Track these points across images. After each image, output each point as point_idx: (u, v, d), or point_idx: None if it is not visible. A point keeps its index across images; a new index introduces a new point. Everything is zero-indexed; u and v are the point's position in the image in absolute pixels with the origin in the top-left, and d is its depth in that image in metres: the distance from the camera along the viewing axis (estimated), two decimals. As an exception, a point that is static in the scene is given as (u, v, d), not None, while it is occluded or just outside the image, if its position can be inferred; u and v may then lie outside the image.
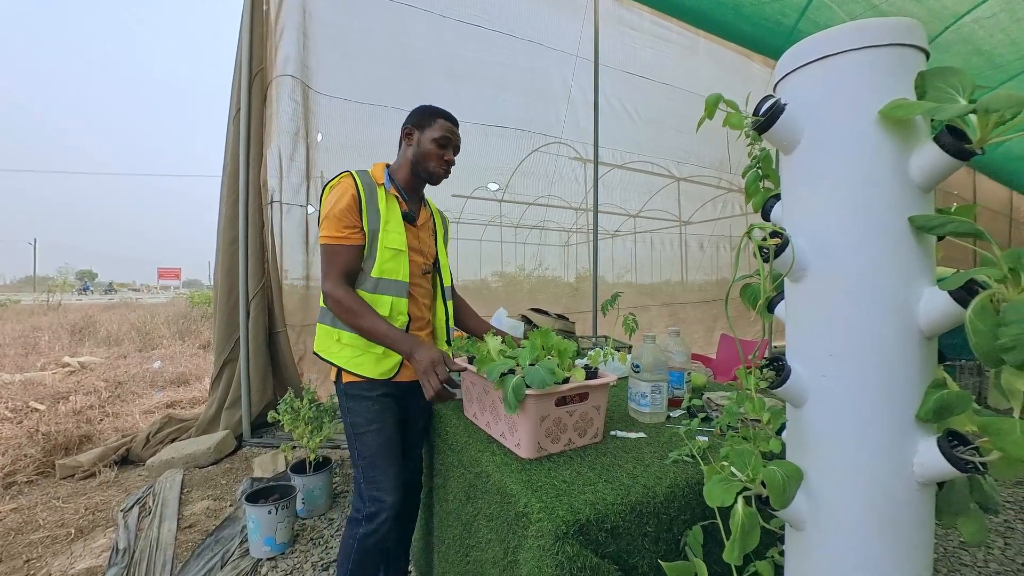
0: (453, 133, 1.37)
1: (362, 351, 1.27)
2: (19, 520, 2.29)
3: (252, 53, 2.85)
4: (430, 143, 1.32)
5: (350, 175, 1.28)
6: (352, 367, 1.27)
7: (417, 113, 1.37)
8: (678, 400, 1.42)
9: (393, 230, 1.29)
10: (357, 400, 1.28)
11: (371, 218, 1.25)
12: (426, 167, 1.34)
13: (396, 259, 1.28)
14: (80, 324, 7.78)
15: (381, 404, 1.30)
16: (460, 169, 3.82)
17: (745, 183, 0.80)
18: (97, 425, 3.40)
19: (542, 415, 1.00)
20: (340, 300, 1.20)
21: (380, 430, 1.29)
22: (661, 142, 4.63)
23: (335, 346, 1.28)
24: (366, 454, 1.28)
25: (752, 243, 0.68)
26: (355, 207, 1.24)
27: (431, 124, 1.33)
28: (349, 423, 1.30)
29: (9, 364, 5.36)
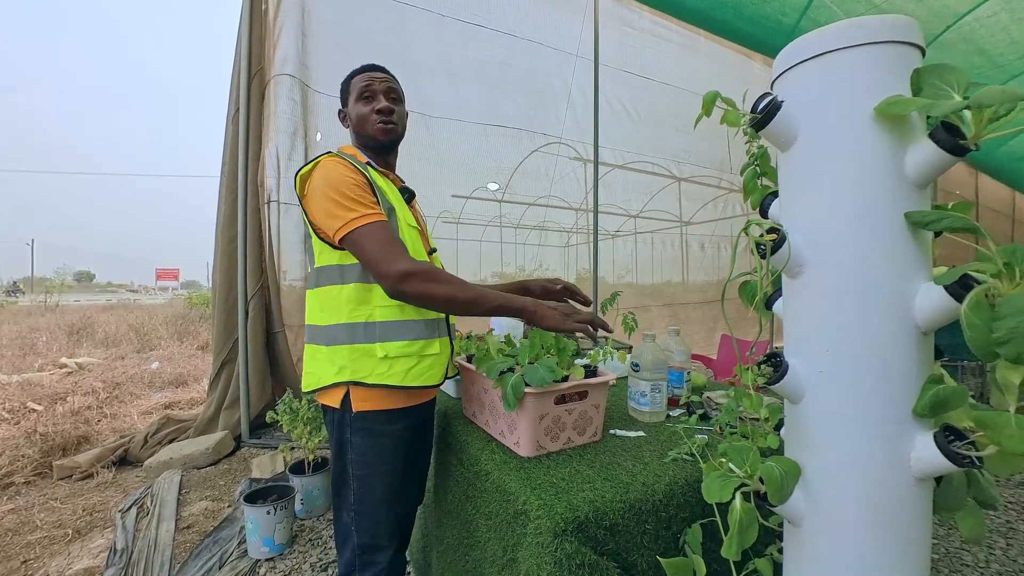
0: (373, 79, 1.12)
1: (418, 358, 1.04)
2: (16, 521, 2.28)
3: (251, 53, 2.86)
4: (355, 106, 1.12)
5: (334, 155, 1.04)
6: (410, 381, 1.02)
7: (340, 91, 1.19)
8: (678, 399, 1.42)
9: (403, 208, 1.11)
10: (366, 436, 1.04)
11: (381, 198, 1.03)
12: (365, 132, 1.12)
13: (419, 240, 1.11)
14: (78, 325, 7.77)
15: (394, 439, 1.07)
16: (459, 169, 3.88)
17: (743, 180, 0.81)
18: (95, 426, 3.39)
19: (541, 413, 1.00)
20: (429, 272, 0.96)
21: (390, 472, 1.06)
22: (661, 142, 4.64)
23: (380, 365, 1.01)
24: (366, 500, 1.05)
25: (749, 239, 0.68)
26: (367, 185, 1.01)
27: (349, 90, 1.14)
28: (350, 460, 1.04)
29: (7, 365, 5.35)
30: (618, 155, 4.50)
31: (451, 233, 4.49)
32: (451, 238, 4.50)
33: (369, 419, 1.04)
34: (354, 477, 1.05)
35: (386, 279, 0.95)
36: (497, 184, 4.14)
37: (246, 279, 2.95)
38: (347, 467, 1.05)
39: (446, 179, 3.77)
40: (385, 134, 1.12)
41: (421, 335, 1.06)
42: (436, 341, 1.09)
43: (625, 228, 5.62)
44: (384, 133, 1.12)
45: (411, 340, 1.04)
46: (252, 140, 2.89)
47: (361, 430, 1.04)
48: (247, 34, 2.83)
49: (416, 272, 0.95)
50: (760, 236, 0.66)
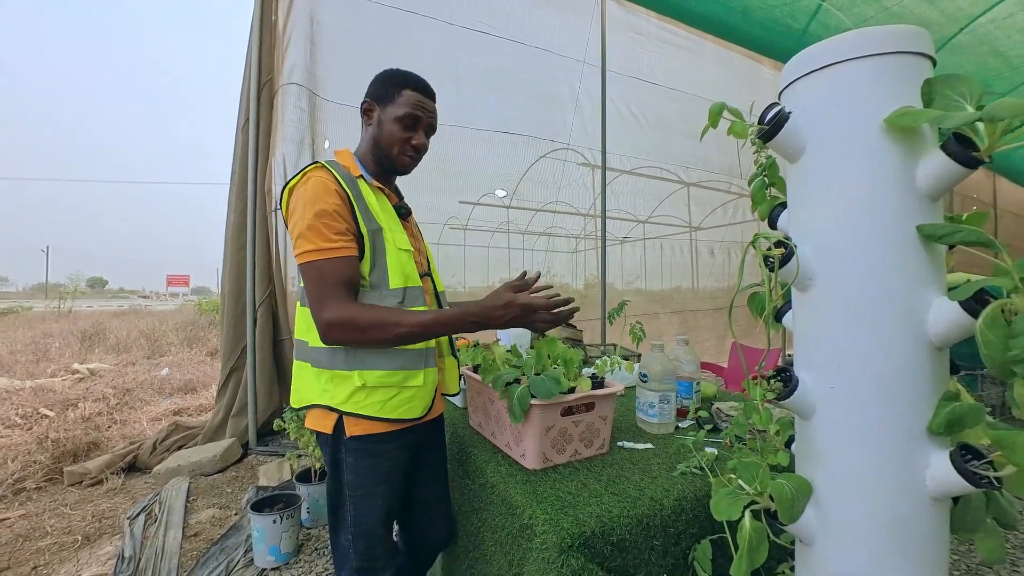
0: (424, 108, 1.04)
1: (398, 388, 0.97)
2: (27, 526, 2.30)
3: (261, 63, 2.89)
4: (393, 123, 1.02)
5: (322, 167, 0.97)
6: (388, 412, 0.96)
7: (377, 81, 1.05)
8: (687, 410, 1.40)
9: (395, 228, 1.02)
10: (361, 456, 0.98)
11: (367, 217, 0.96)
12: (388, 153, 1.04)
13: (409, 262, 1.02)
14: (90, 331, 7.88)
15: (391, 461, 1.01)
16: (467, 176, 3.90)
17: (751, 191, 0.80)
18: (105, 432, 3.42)
19: (547, 425, 0.99)
20: (355, 320, 0.89)
21: (387, 493, 1.01)
22: (669, 147, 4.63)
23: (357, 394, 0.95)
24: (363, 522, 1.00)
25: (757, 252, 0.67)
26: (344, 206, 0.93)
27: (394, 97, 1.02)
28: (347, 483, 0.98)
29: (20, 370, 5.43)
30: (626, 161, 4.49)
31: (459, 239, 4.50)
32: (459, 244, 4.50)
33: (362, 441, 0.98)
34: (350, 499, 0.99)
35: (316, 325, 0.92)
36: (505, 191, 4.14)
37: (255, 287, 2.98)
38: (343, 488, 1.00)
39: (453, 187, 3.78)
40: (407, 168, 1.09)
41: (405, 365, 0.98)
42: (421, 373, 1.00)
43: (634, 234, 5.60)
44: (409, 166, 1.09)
45: (392, 370, 0.97)
46: (261, 149, 2.92)
47: (356, 450, 0.98)
48: (257, 44, 2.87)
49: (339, 323, 0.90)
50: (768, 249, 0.65)
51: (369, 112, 1.06)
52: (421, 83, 1.06)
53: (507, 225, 4.76)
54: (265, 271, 3.04)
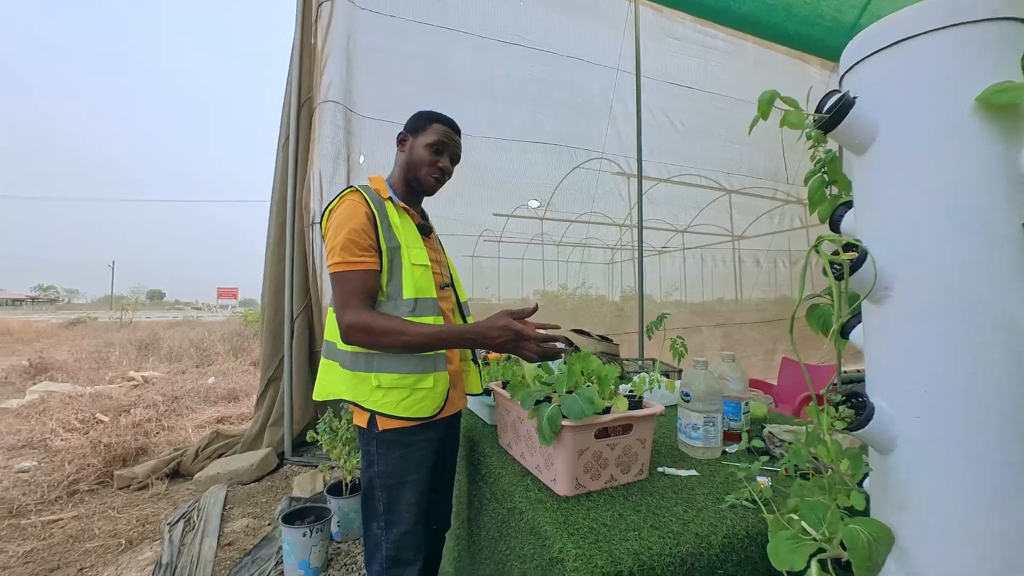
0: (450, 139, 1.22)
1: (410, 390, 1.08)
2: (78, 528, 2.40)
3: (301, 83, 3.00)
4: (423, 148, 1.19)
5: (356, 191, 1.13)
6: (402, 411, 1.07)
7: (412, 118, 1.24)
8: (735, 434, 1.29)
9: (414, 245, 1.14)
10: (392, 447, 1.10)
11: (388, 236, 1.10)
12: (417, 175, 1.21)
13: (425, 275, 1.14)
14: (146, 340, 8.37)
15: (421, 451, 1.12)
16: (500, 187, 3.88)
17: (808, 190, 0.71)
18: (153, 438, 3.57)
19: (580, 448, 0.91)
20: (370, 325, 1.02)
21: (417, 483, 1.11)
22: (709, 153, 4.46)
23: (375, 393, 1.07)
24: (396, 509, 1.10)
25: (820, 259, 0.58)
26: (369, 226, 1.08)
27: (425, 128, 1.21)
28: (378, 472, 1.10)
29: (83, 377, 5.80)
30: (663, 168, 4.36)
31: (493, 252, 4.47)
32: (493, 256, 4.48)
33: (393, 434, 1.10)
34: (382, 488, 1.10)
35: (339, 327, 1.06)
36: (538, 201, 4.10)
37: (292, 299, 3.05)
38: (374, 478, 1.11)
39: (486, 198, 3.77)
40: (432, 189, 1.24)
41: (415, 369, 1.09)
42: (430, 376, 1.10)
43: (672, 243, 5.42)
44: (434, 188, 1.24)
45: (404, 373, 1.08)
46: (300, 166, 3.01)
47: (388, 442, 1.10)
48: (297, 66, 2.98)
49: (362, 324, 1.03)
50: (835, 254, 0.56)
51: (404, 142, 1.24)
52: (449, 120, 1.25)
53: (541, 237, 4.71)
54: (302, 284, 3.11)
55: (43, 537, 2.33)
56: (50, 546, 2.25)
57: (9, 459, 3.36)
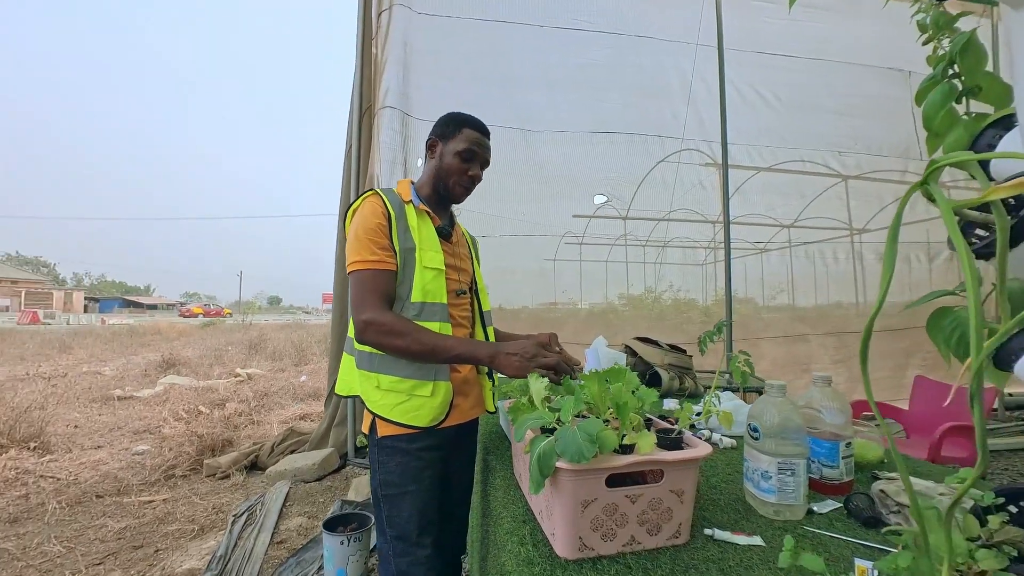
0: (480, 145, 1.17)
1: (407, 396, 1.06)
2: (164, 511, 2.62)
3: (362, 93, 3.07)
4: (453, 156, 1.16)
5: (375, 193, 1.13)
6: (397, 416, 1.06)
7: (441, 123, 1.20)
8: (829, 485, 0.95)
9: (430, 248, 1.12)
10: (392, 454, 1.08)
11: (403, 237, 1.09)
12: (446, 183, 1.18)
13: (437, 280, 1.11)
14: (256, 341, 9.39)
15: (422, 460, 1.09)
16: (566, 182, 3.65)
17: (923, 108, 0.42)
18: (242, 431, 3.88)
19: (585, 499, 0.68)
20: (386, 324, 1.02)
21: (417, 493, 1.08)
22: (813, 130, 3.79)
23: (375, 394, 1.08)
24: (398, 522, 1.08)
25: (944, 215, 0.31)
26: (385, 226, 1.08)
27: (455, 134, 1.17)
28: (380, 481, 1.10)
29: (201, 372, 6.62)
30: (756, 152, 3.80)
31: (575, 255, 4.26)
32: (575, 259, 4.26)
33: (392, 440, 1.09)
34: (384, 498, 1.09)
35: (355, 324, 1.04)
36: (605, 196, 3.80)
37: (355, 302, 3.11)
38: (377, 488, 1.11)
39: (552, 194, 3.57)
40: (461, 198, 1.22)
41: (414, 375, 1.06)
42: (430, 384, 1.06)
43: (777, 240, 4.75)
44: (462, 196, 1.21)
45: (402, 377, 1.06)
46: (362, 173, 3.07)
47: (388, 448, 1.09)
48: (359, 75, 3.06)
49: (375, 324, 1.02)
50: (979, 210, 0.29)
51: (433, 148, 1.21)
52: (479, 123, 1.20)
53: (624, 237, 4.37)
54: (364, 287, 3.16)
55: (137, 516, 2.58)
56: (140, 525, 2.47)
57: (131, 442, 3.86)
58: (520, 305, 3.85)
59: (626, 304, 4.54)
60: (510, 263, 3.69)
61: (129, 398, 5.29)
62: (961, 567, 0.31)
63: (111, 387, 5.80)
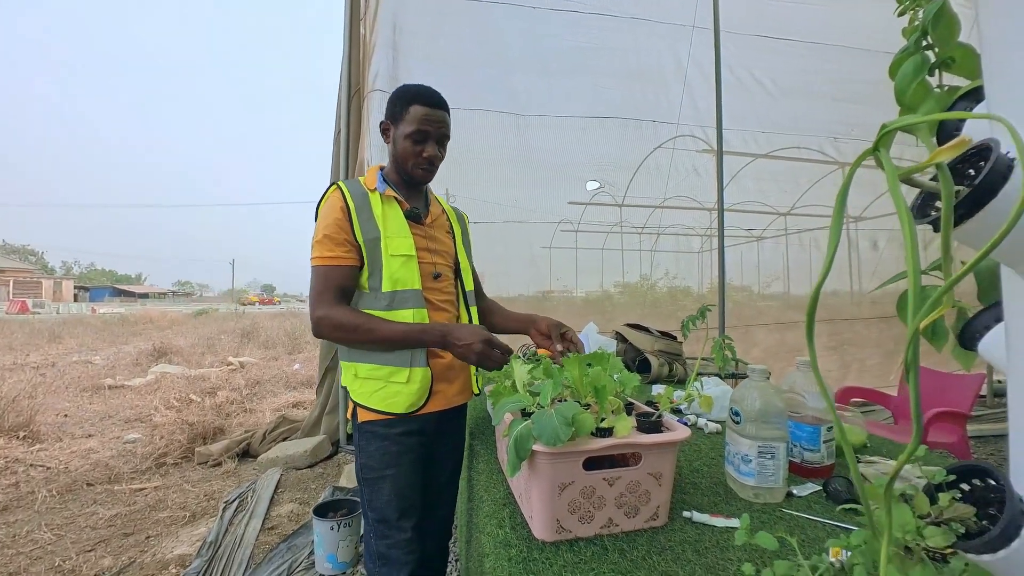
0: (431, 121, 1.10)
1: (383, 382, 1.07)
2: (156, 498, 2.62)
3: (351, 75, 3.01)
4: (404, 140, 1.10)
5: (336, 187, 1.11)
6: (375, 403, 1.07)
7: (390, 102, 1.14)
8: (809, 468, 0.96)
9: (397, 234, 1.10)
10: (371, 439, 1.09)
11: (366, 228, 1.07)
12: (404, 168, 1.14)
13: (407, 266, 1.09)
14: (248, 329, 9.35)
15: (400, 445, 1.10)
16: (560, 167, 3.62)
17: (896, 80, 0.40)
18: (234, 419, 3.88)
19: (562, 482, 0.68)
20: (337, 320, 1.03)
21: (396, 477, 1.08)
22: (811, 116, 3.76)
23: (354, 382, 1.10)
24: (377, 505, 1.08)
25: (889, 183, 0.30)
26: (343, 220, 1.06)
27: (403, 114, 1.10)
28: (361, 465, 1.11)
29: (193, 361, 6.59)
30: (753, 139, 3.76)
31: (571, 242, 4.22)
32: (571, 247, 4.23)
33: (371, 425, 1.10)
34: (364, 481, 1.11)
35: (311, 320, 1.05)
36: (598, 183, 3.77)
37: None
38: (359, 471, 1.12)
39: (546, 180, 3.54)
40: (425, 178, 1.17)
41: (389, 362, 1.07)
42: (405, 371, 1.07)
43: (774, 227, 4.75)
44: (427, 177, 1.17)
45: (378, 365, 1.07)
46: (351, 158, 3.03)
47: (368, 433, 1.10)
48: (347, 57, 3.00)
49: (326, 319, 1.03)
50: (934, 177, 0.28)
51: (386, 132, 1.16)
52: (427, 96, 1.11)
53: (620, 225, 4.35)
54: (354, 275, 3.14)
55: (128, 503, 2.58)
56: (131, 512, 2.47)
57: (122, 430, 3.85)
58: (516, 293, 3.83)
59: (621, 292, 4.55)
60: (505, 250, 3.66)
61: (120, 387, 5.27)
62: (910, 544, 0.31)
63: (102, 376, 5.77)
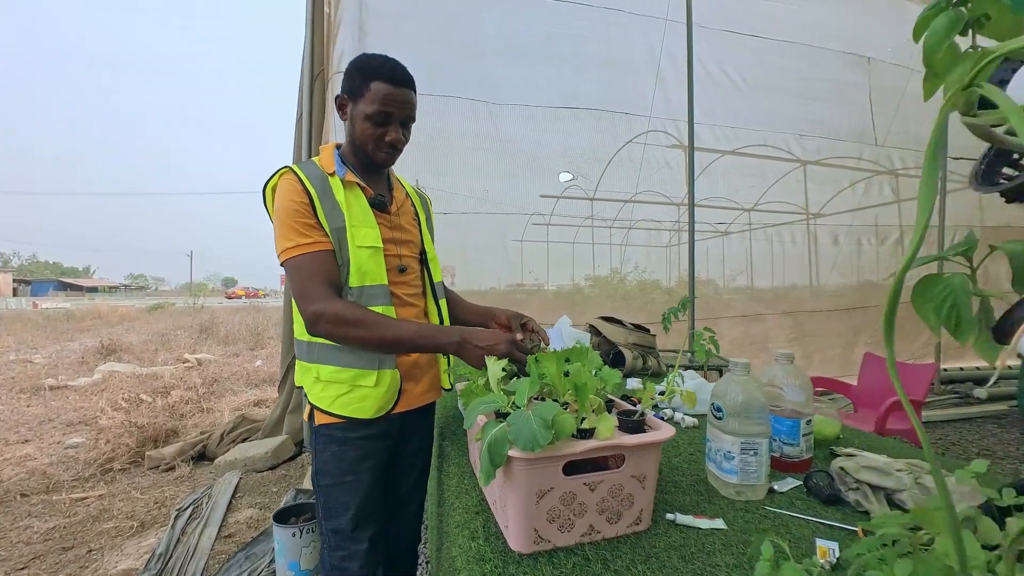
0: (395, 101, 0.97)
1: (349, 386, 0.97)
2: (100, 508, 2.43)
3: (313, 55, 2.84)
4: (363, 121, 0.98)
5: (288, 170, 0.98)
6: (338, 408, 0.97)
7: (347, 74, 1.01)
8: (788, 463, 0.94)
9: (363, 224, 0.99)
10: (329, 443, 1.00)
11: (331, 216, 0.96)
12: (364, 150, 1.02)
13: (375, 258, 0.99)
14: (207, 324, 8.90)
15: (361, 450, 1.00)
16: (531, 158, 3.56)
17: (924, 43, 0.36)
18: (189, 419, 3.66)
19: (540, 489, 0.63)
20: (337, 314, 0.90)
21: (354, 484, 0.99)
22: (778, 113, 3.84)
23: (315, 386, 0.99)
24: (332, 513, 0.99)
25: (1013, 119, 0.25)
26: (308, 206, 0.94)
27: (363, 91, 0.97)
28: (316, 470, 1.02)
29: (146, 359, 6.20)
30: (723, 133, 3.80)
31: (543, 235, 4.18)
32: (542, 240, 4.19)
33: (329, 428, 1.00)
34: (319, 488, 1.02)
35: (303, 317, 0.94)
36: (571, 174, 3.73)
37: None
38: (314, 477, 1.03)
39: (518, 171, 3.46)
40: (386, 163, 1.06)
41: (355, 364, 0.97)
42: (374, 373, 0.97)
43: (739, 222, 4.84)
44: (388, 161, 1.06)
45: (342, 367, 0.97)
46: (314, 142, 2.87)
47: (324, 437, 1.01)
48: (310, 38, 2.83)
49: (325, 315, 0.91)
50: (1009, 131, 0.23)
51: (343, 108, 1.03)
52: (391, 72, 0.98)
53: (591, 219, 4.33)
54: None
55: (68, 515, 2.38)
56: (71, 524, 2.28)
57: (64, 435, 3.57)
58: (488, 287, 3.78)
59: (592, 285, 4.56)
60: (476, 242, 3.58)
61: (63, 388, 4.90)
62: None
63: (42, 376, 5.35)
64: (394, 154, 1.04)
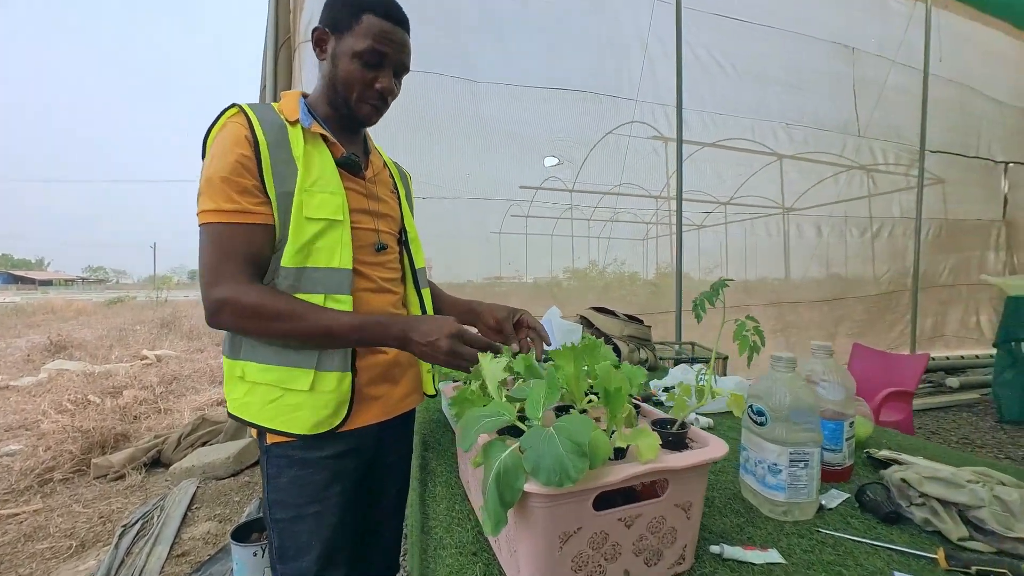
0: (390, 41, 0.79)
1: (278, 390, 0.75)
2: (34, 525, 2.17)
3: (278, 23, 2.59)
4: (350, 60, 0.78)
5: (239, 111, 0.76)
6: (266, 420, 0.75)
7: (331, 3, 0.81)
8: (833, 472, 0.82)
9: (322, 189, 0.77)
10: (283, 467, 0.77)
11: (280, 176, 0.74)
12: (346, 99, 0.81)
13: (328, 235, 0.77)
14: (169, 319, 8.41)
15: (326, 472, 0.78)
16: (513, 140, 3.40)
17: None
18: (144, 422, 3.37)
19: (564, 530, 0.47)
20: (249, 304, 0.70)
21: (319, 516, 0.77)
22: (764, 101, 3.79)
23: (238, 387, 0.77)
24: (292, 556, 0.77)
25: None
26: (250, 160, 0.72)
27: (352, 25, 0.78)
28: (269, 502, 0.79)
29: (100, 356, 5.77)
30: (709, 120, 3.72)
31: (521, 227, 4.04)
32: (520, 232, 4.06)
33: (283, 448, 0.78)
34: (273, 522, 0.79)
35: (204, 303, 0.73)
36: (557, 159, 3.58)
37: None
38: (265, 507, 0.81)
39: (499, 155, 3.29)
40: (373, 118, 0.86)
41: (284, 361, 0.75)
42: (310, 374, 0.74)
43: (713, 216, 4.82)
44: (373, 116, 0.85)
45: (268, 365, 0.75)
46: (279, 119, 2.63)
47: (279, 458, 0.78)
48: (274, 4, 2.57)
49: (231, 304, 0.70)
50: None
51: (322, 43, 0.82)
52: (387, 6, 0.80)
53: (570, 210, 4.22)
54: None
55: (-4, 534, 2.10)
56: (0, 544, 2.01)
57: (0, 441, 3.22)
58: (465, 279, 3.63)
59: (571, 277, 4.49)
60: (453, 230, 3.41)
61: (3, 388, 4.48)
62: None
63: (-20, 376, 4.90)
64: (381, 108, 0.85)
